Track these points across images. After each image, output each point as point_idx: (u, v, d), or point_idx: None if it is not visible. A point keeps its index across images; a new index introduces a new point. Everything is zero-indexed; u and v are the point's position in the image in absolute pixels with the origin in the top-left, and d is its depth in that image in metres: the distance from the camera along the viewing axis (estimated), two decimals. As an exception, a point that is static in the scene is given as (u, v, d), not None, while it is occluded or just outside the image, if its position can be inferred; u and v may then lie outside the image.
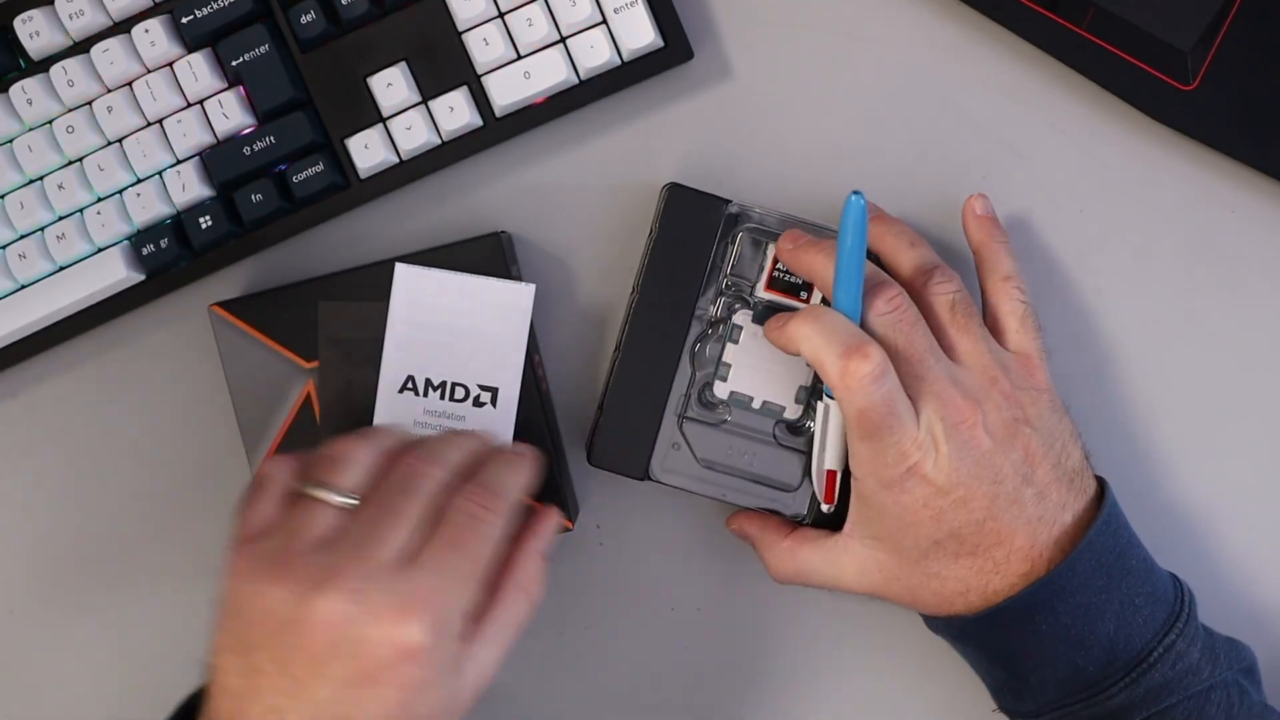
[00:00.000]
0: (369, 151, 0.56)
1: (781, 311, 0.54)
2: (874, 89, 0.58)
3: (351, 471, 0.46)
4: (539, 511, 0.51)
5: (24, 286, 0.56)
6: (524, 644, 0.48)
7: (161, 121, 0.56)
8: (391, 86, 0.55)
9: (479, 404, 0.55)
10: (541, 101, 0.56)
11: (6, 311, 0.56)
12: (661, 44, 0.56)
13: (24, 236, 0.56)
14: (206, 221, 0.56)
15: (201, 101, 0.56)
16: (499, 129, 0.56)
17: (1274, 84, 0.54)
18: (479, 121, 0.56)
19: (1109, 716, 0.50)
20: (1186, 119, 0.55)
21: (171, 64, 0.56)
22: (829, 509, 0.54)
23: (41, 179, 0.56)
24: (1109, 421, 0.57)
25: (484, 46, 0.55)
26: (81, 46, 0.56)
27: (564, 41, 0.56)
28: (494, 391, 0.55)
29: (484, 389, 0.55)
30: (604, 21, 0.55)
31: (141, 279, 0.57)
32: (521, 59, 0.56)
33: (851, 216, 0.48)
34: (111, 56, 0.55)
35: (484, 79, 0.56)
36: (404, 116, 0.56)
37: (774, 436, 0.55)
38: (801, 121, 0.58)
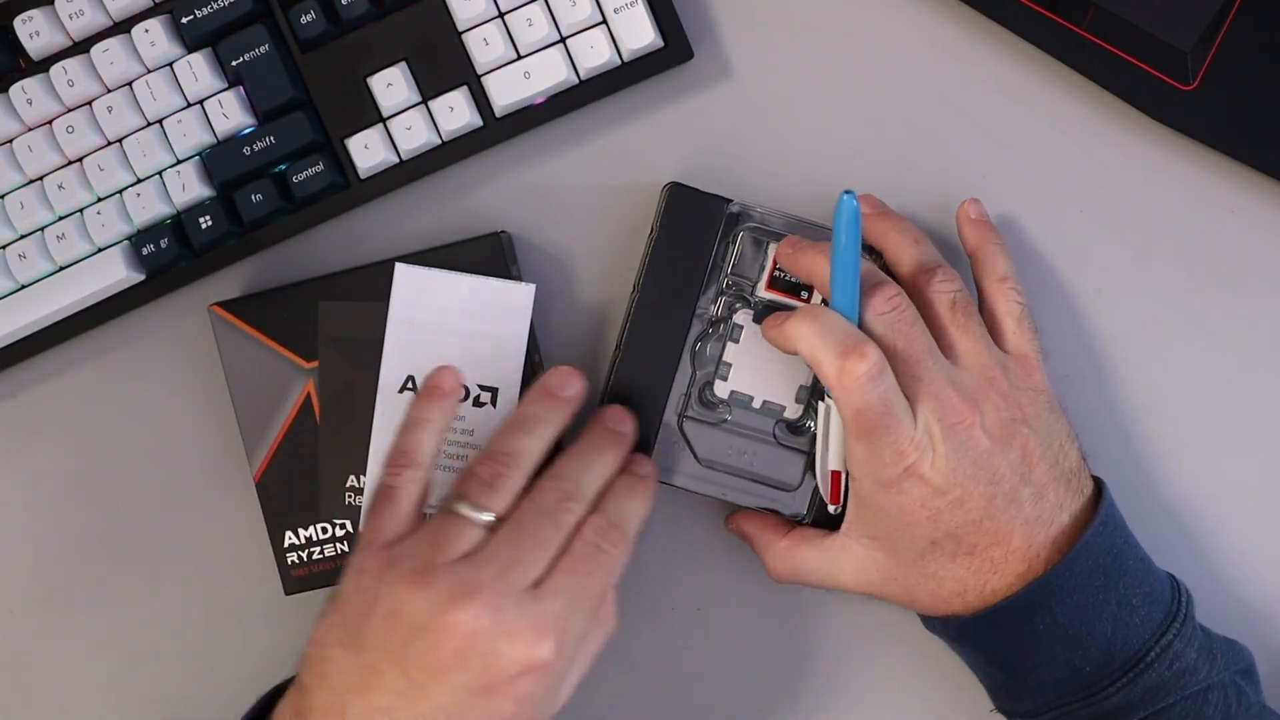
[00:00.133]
0: (369, 151, 0.56)
1: (781, 311, 0.54)
2: (874, 89, 0.58)
3: (501, 498, 0.48)
4: None
5: (24, 286, 0.56)
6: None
7: (161, 121, 0.56)
8: (391, 86, 0.55)
9: (479, 404, 0.55)
10: (541, 101, 0.56)
11: (6, 311, 0.56)
12: (661, 44, 0.56)
13: (24, 236, 0.56)
14: (206, 221, 0.56)
15: (201, 101, 0.56)
16: (499, 129, 0.56)
17: (1274, 84, 0.54)
18: (479, 121, 0.56)
19: (1106, 717, 0.50)
20: (1186, 119, 0.55)
21: (171, 64, 0.56)
22: (835, 509, 0.54)
23: (41, 179, 0.56)
24: (1108, 421, 0.57)
25: (484, 46, 0.55)
26: (81, 46, 0.56)
27: (564, 41, 0.55)
28: (494, 391, 0.55)
29: (484, 389, 0.55)
30: (604, 21, 0.55)
31: (141, 279, 0.57)
32: (521, 59, 0.56)
33: (844, 216, 0.48)
34: (111, 56, 0.55)
35: (484, 79, 0.56)
36: (404, 116, 0.56)
37: (774, 436, 0.55)
38: (801, 121, 0.58)
